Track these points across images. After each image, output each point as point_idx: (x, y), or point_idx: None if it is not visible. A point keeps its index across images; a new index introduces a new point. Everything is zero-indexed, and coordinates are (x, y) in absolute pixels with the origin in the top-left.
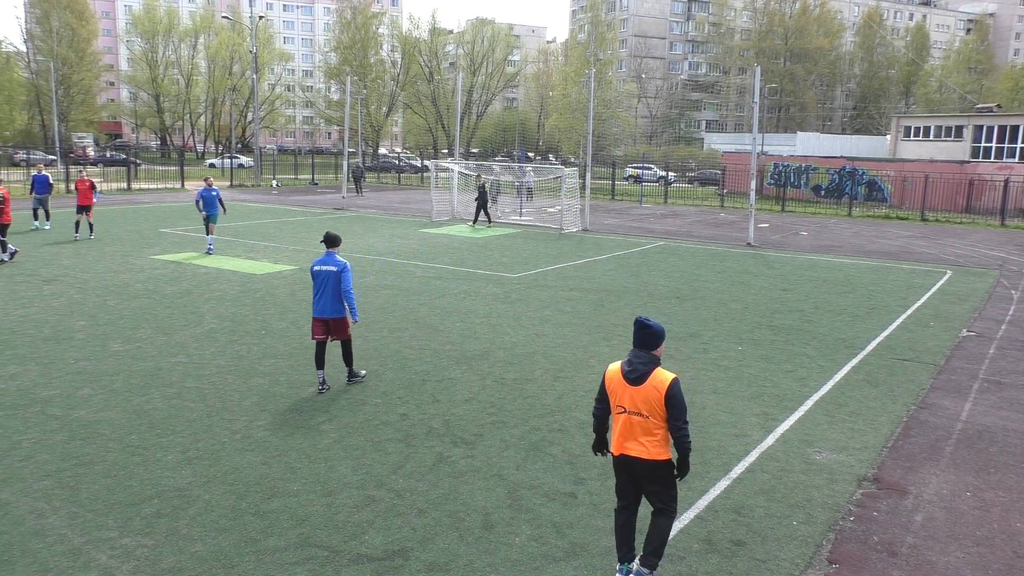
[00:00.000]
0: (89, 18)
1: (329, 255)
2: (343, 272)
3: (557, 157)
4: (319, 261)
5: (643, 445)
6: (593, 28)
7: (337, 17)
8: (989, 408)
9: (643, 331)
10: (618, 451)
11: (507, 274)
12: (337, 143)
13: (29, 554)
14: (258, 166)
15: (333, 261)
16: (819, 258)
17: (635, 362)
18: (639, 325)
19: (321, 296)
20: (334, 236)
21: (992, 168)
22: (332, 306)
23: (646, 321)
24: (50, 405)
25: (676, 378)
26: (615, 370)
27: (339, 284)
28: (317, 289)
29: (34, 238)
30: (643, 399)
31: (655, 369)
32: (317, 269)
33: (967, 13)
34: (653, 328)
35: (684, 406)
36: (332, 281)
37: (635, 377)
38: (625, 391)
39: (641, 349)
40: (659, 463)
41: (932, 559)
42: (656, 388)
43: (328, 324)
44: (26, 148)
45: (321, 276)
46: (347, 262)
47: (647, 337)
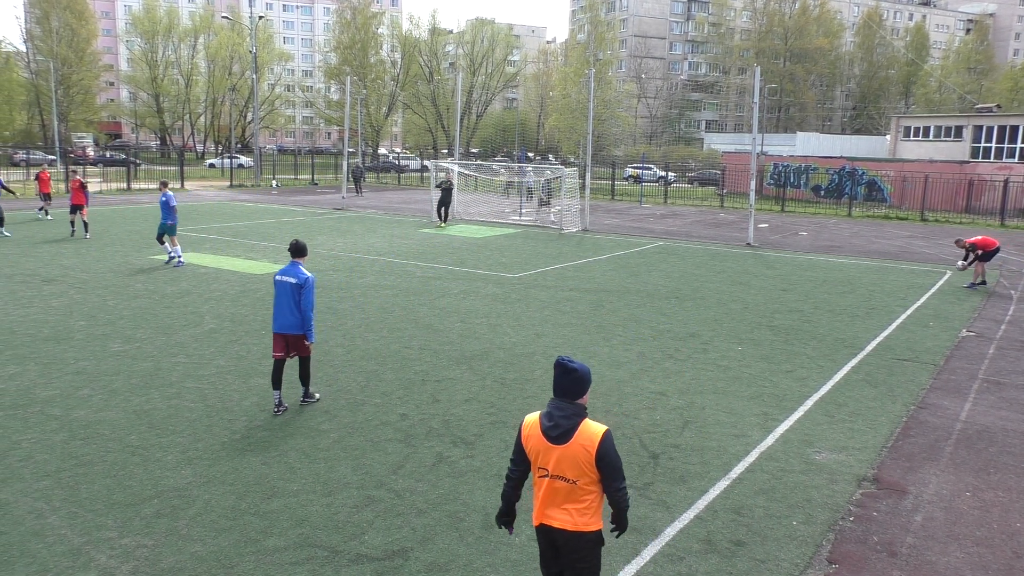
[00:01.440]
0: (89, 18)
1: (293, 265)
2: (304, 287)
3: (557, 157)
4: (282, 271)
5: (568, 514)
6: (593, 28)
7: (337, 17)
8: (989, 408)
9: (565, 376)
10: (538, 520)
11: (507, 274)
12: (337, 143)
13: (29, 554)
14: (258, 166)
15: (295, 273)
16: (819, 258)
17: (556, 415)
18: (560, 369)
19: (279, 310)
20: (300, 245)
21: (992, 168)
22: (291, 321)
23: (568, 363)
24: (50, 405)
25: (608, 431)
26: (533, 424)
27: (299, 298)
28: (276, 301)
29: (33, 237)
30: (569, 460)
31: (582, 422)
32: (278, 279)
33: (967, 13)
34: (578, 371)
35: (619, 464)
36: (291, 294)
37: (557, 434)
38: (547, 451)
39: (563, 398)
40: (586, 535)
41: (932, 559)
42: (584, 447)
43: (287, 340)
44: (26, 148)
45: (280, 288)
46: (311, 276)
47: (570, 383)
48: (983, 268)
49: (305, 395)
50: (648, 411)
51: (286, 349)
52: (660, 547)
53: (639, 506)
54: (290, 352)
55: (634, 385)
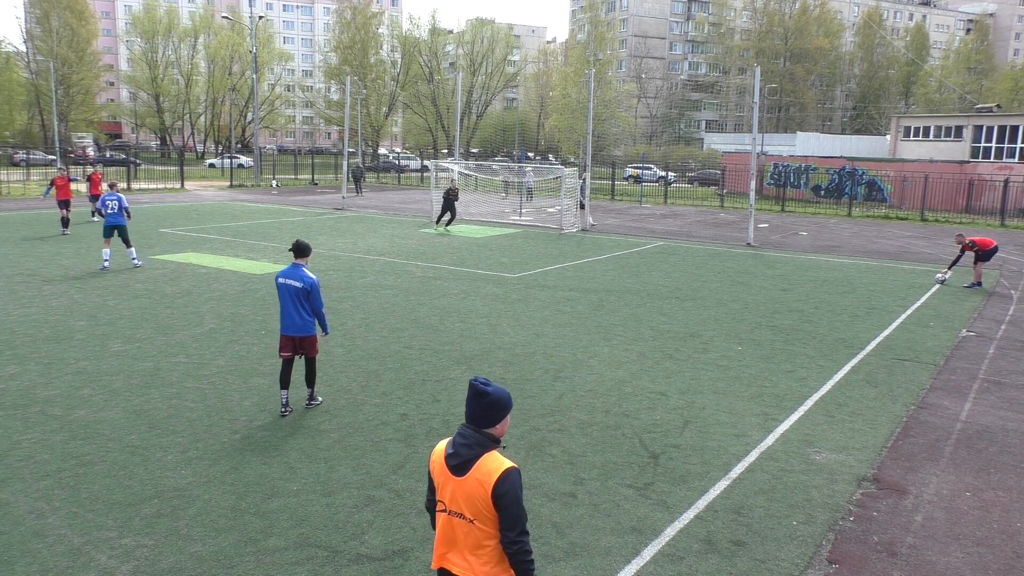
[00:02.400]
0: (89, 18)
1: (295, 267)
2: (312, 291)
3: (557, 157)
4: (283, 273)
5: (467, 562)
6: (593, 28)
7: (337, 17)
8: (989, 408)
9: (476, 400)
10: (436, 564)
11: (507, 274)
12: (337, 143)
13: (29, 554)
14: (258, 166)
15: (299, 275)
16: (819, 258)
17: (459, 444)
18: (471, 391)
19: (285, 312)
20: (303, 245)
21: (992, 168)
22: (298, 323)
23: (481, 386)
24: (50, 405)
25: (511, 469)
26: (440, 450)
27: (305, 300)
28: (281, 303)
29: (33, 237)
30: (465, 495)
31: (485, 455)
32: (280, 282)
33: (967, 13)
34: (491, 396)
35: (521, 510)
36: (295, 297)
37: (455, 464)
38: (446, 482)
39: (471, 425)
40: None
41: (932, 559)
42: (481, 482)
43: (295, 341)
44: (26, 148)
45: (283, 290)
46: (315, 278)
47: (482, 409)
48: (981, 269)
49: (310, 398)
50: (648, 411)
51: (294, 349)
52: (660, 547)
53: (639, 506)
54: (298, 352)
55: (634, 385)
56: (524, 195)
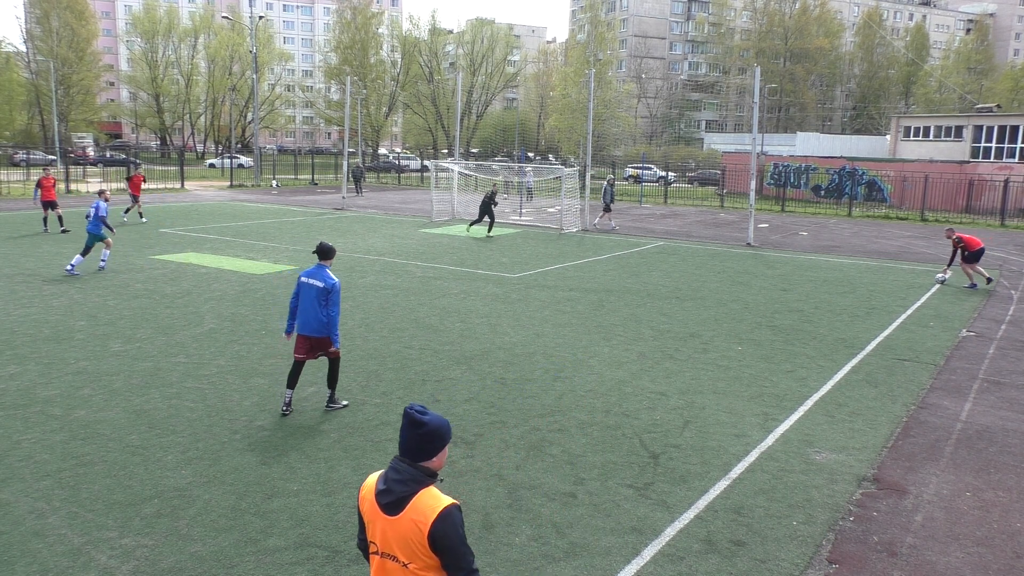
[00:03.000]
0: (89, 18)
1: (319, 268)
2: (332, 293)
3: (557, 157)
4: (307, 273)
5: None
6: (593, 28)
7: (337, 17)
8: (989, 408)
9: (412, 429)
10: None
11: (507, 274)
12: (337, 143)
13: (29, 554)
14: (258, 166)
15: (322, 276)
16: (819, 258)
17: (392, 479)
18: (407, 420)
19: (303, 311)
20: (327, 248)
21: (992, 168)
22: (316, 323)
23: (418, 414)
24: (50, 405)
25: (451, 507)
26: (370, 485)
27: (324, 301)
28: (301, 303)
29: (30, 237)
30: (398, 537)
31: (421, 491)
32: (303, 281)
33: (967, 13)
34: (428, 426)
35: (465, 548)
36: (316, 297)
37: (387, 502)
38: (377, 520)
39: (405, 457)
40: None
41: (932, 559)
42: (416, 523)
43: (311, 342)
44: (26, 148)
45: (305, 290)
46: (337, 281)
47: (417, 440)
48: (972, 270)
49: (330, 399)
50: (648, 411)
51: (309, 351)
52: (660, 547)
53: (639, 506)
54: (315, 353)
55: (634, 385)
56: (524, 195)
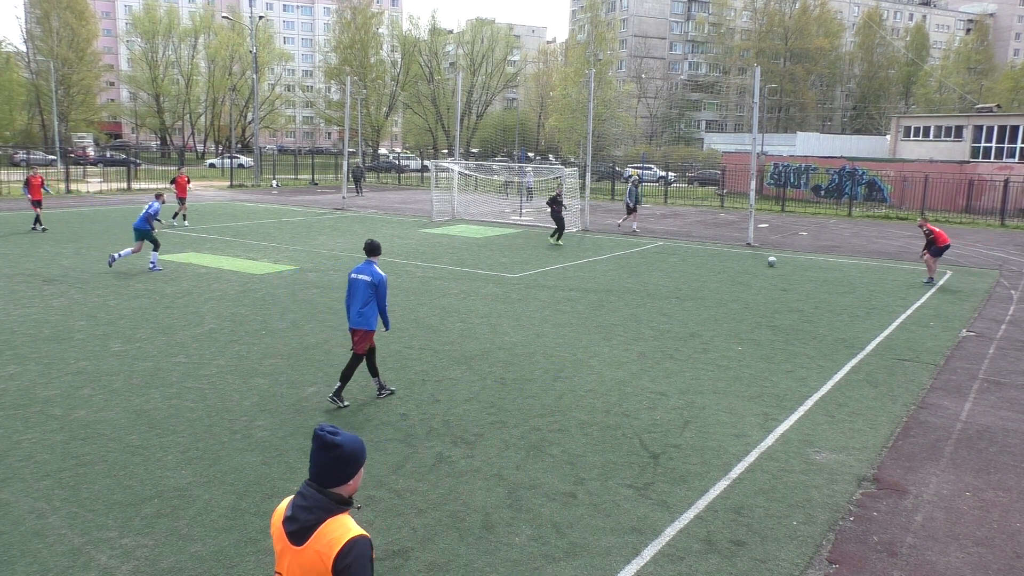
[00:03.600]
0: (89, 18)
1: (367, 264)
2: (379, 287)
3: (557, 157)
4: (356, 269)
5: None
6: (593, 28)
7: (337, 17)
8: (989, 408)
9: (323, 452)
10: None
11: (507, 274)
12: (337, 143)
13: (29, 554)
14: (258, 166)
15: (370, 272)
16: (819, 258)
17: (299, 506)
18: (317, 442)
19: (350, 306)
20: (375, 244)
21: (992, 168)
22: (356, 317)
23: (328, 436)
24: (50, 405)
25: (358, 538)
26: (280, 511)
27: (372, 295)
28: (349, 298)
29: (30, 237)
30: (302, 569)
31: (329, 520)
32: (353, 277)
33: (967, 13)
34: (342, 447)
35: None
36: (364, 291)
37: (293, 530)
38: (285, 552)
39: (314, 483)
40: None
41: (932, 559)
42: (320, 554)
43: (355, 334)
44: (26, 148)
45: (354, 285)
46: (384, 275)
47: (329, 463)
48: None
49: (336, 393)
50: (648, 411)
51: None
52: (660, 547)
53: (639, 506)
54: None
55: (634, 385)
56: (524, 195)
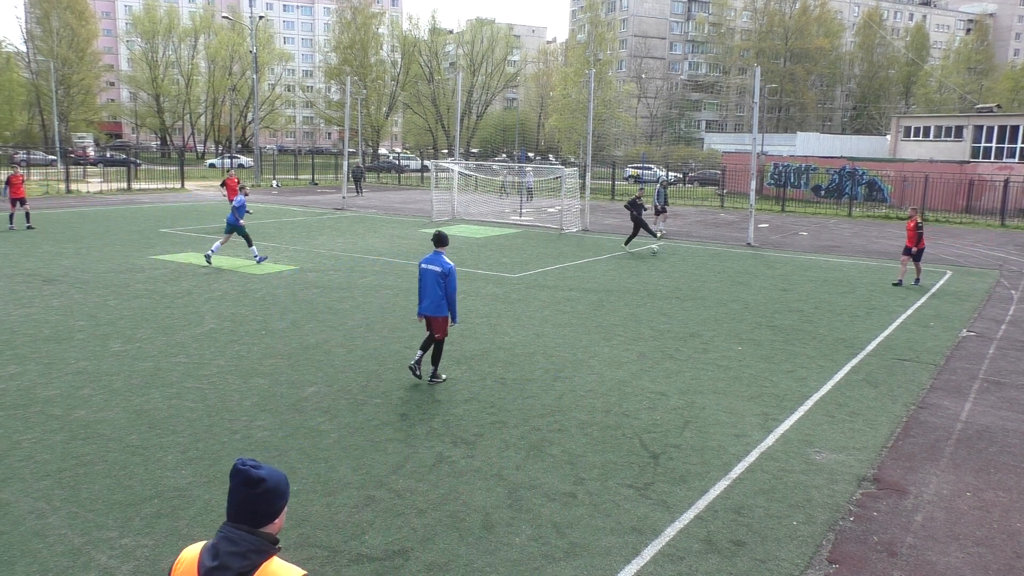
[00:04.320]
0: (89, 18)
1: (436, 255)
2: (448, 276)
3: (557, 157)
4: (426, 260)
5: None
6: (593, 28)
7: (337, 17)
8: (989, 408)
9: (248, 489)
10: None
11: (507, 274)
12: (337, 143)
13: (29, 554)
14: (258, 166)
15: (439, 262)
16: (819, 258)
17: (227, 552)
18: (240, 478)
19: (424, 294)
20: (443, 236)
21: (992, 168)
22: (430, 304)
23: (251, 470)
24: (50, 405)
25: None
26: (190, 561)
27: (442, 282)
28: (421, 286)
29: (29, 236)
30: None
31: (264, 563)
32: (424, 267)
33: (967, 13)
34: (267, 482)
35: None
36: (435, 280)
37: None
38: None
39: (239, 524)
40: None
41: (932, 559)
42: None
43: (427, 319)
44: (26, 148)
45: (425, 274)
46: (453, 265)
47: (255, 500)
48: (906, 266)
49: (432, 375)
50: (648, 411)
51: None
52: (660, 547)
53: (639, 506)
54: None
55: (634, 385)
56: (524, 195)
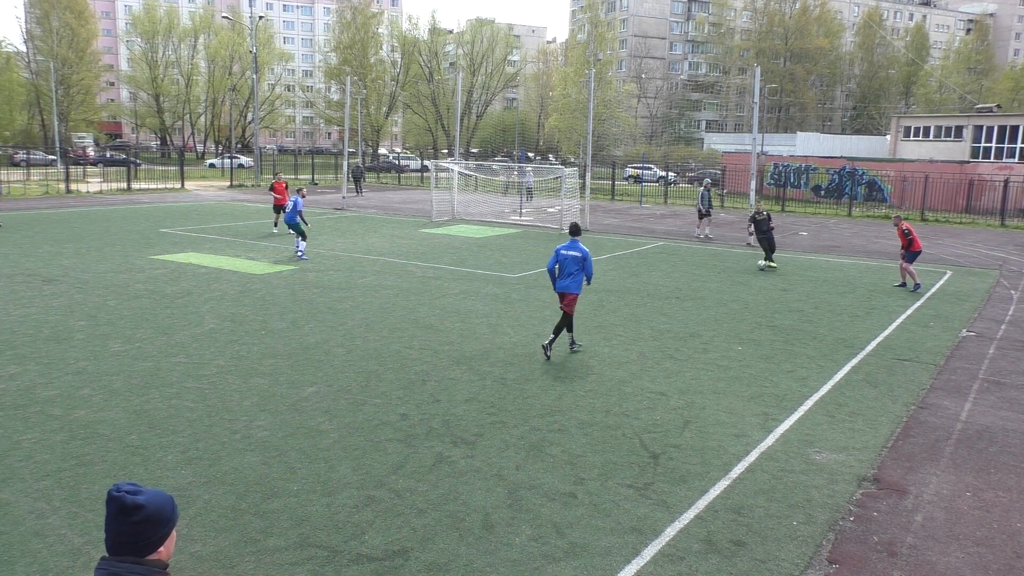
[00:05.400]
0: (89, 18)
1: (573, 242)
2: (586, 259)
3: (557, 157)
4: (564, 247)
5: None
6: (593, 28)
7: (337, 17)
8: (989, 408)
9: (124, 517)
10: None
11: (507, 274)
12: (337, 143)
13: (29, 554)
14: (258, 166)
15: (577, 248)
16: (819, 258)
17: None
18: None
19: (566, 275)
20: (578, 226)
21: (992, 168)
22: (574, 284)
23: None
24: (50, 405)
25: None
26: None
27: (581, 267)
28: (562, 270)
29: (30, 237)
30: None
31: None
32: (564, 254)
33: (967, 13)
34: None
35: None
36: (574, 263)
37: None
38: None
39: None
40: None
41: (932, 559)
42: None
43: (568, 297)
44: (26, 148)
45: (566, 259)
46: (588, 250)
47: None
48: (905, 269)
49: (572, 342)
50: (648, 411)
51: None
52: (660, 547)
53: (639, 506)
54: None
55: (634, 385)
56: (524, 195)
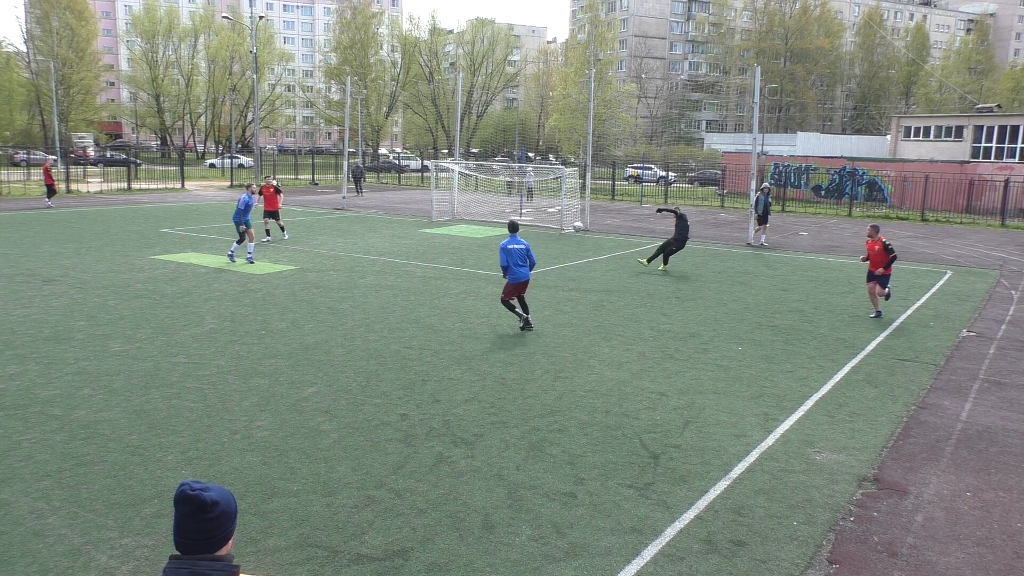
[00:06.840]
0: (89, 18)
1: (513, 238)
2: (528, 251)
3: (557, 157)
4: (508, 242)
5: None
6: (593, 28)
7: (337, 17)
8: (989, 408)
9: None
10: None
11: None
12: (337, 143)
13: (29, 554)
14: (258, 166)
15: (520, 241)
16: (819, 258)
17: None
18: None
19: (514, 267)
20: (515, 223)
21: (992, 168)
22: (524, 273)
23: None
24: (50, 405)
25: None
26: None
27: (527, 258)
28: (511, 262)
29: (30, 237)
30: None
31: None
32: (510, 248)
33: (967, 13)
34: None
35: None
36: (522, 256)
37: None
38: None
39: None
40: None
41: (932, 559)
42: None
43: (519, 287)
44: (26, 148)
45: (511, 253)
46: (527, 243)
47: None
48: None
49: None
50: (648, 411)
51: (515, 292)
52: (660, 547)
53: (639, 506)
54: (519, 292)
55: (634, 385)
56: (524, 195)
